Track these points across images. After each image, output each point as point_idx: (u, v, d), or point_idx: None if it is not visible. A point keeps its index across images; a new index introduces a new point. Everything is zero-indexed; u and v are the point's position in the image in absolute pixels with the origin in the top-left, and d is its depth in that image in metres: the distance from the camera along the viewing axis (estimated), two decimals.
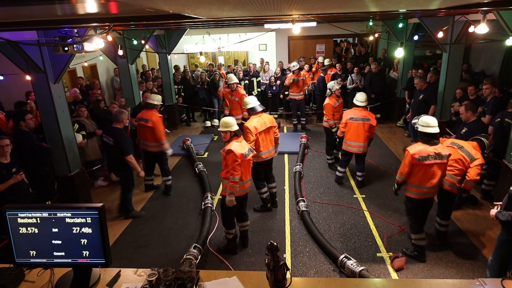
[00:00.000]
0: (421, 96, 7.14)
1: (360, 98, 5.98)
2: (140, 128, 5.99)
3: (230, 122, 4.31)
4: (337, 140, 6.41)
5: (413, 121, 5.09)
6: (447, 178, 4.25)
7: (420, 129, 4.08)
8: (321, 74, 9.93)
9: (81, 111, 6.41)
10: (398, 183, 4.38)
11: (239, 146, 4.25)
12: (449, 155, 4.11)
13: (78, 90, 8.16)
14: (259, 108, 5.30)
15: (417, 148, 4.04)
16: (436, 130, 4.00)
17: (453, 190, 4.31)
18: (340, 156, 6.64)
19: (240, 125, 6.24)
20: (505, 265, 3.42)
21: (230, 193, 4.21)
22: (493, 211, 3.41)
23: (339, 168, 6.45)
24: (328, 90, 6.83)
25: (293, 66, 9.14)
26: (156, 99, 5.97)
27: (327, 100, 6.78)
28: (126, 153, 5.11)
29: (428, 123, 4.02)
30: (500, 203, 3.44)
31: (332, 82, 6.90)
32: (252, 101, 5.31)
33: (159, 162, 6.18)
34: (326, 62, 10.39)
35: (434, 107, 7.06)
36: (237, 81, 7.54)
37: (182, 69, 11.15)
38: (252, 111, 5.26)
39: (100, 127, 6.58)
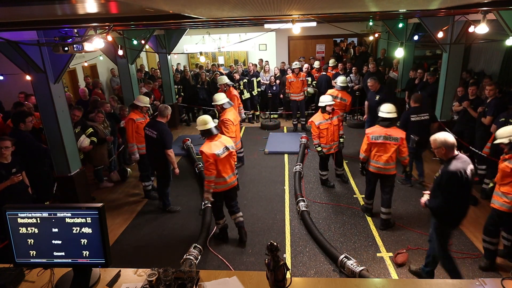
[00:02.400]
0: (377, 97, 7.30)
1: (321, 98, 6.04)
2: None
3: (201, 120, 4.47)
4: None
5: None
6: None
7: (380, 114, 4.96)
8: (323, 73, 9.92)
9: (99, 116, 6.41)
10: (361, 161, 5.12)
11: (212, 146, 4.36)
12: (402, 138, 4.80)
13: (87, 89, 8.22)
14: (229, 105, 5.96)
15: (372, 129, 4.95)
16: (392, 115, 4.88)
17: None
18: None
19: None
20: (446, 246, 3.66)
21: (205, 191, 4.48)
22: (423, 199, 3.62)
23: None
24: (340, 84, 7.31)
25: (295, 64, 9.22)
26: (142, 101, 5.92)
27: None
28: (167, 146, 5.18)
29: (388, 110, 4.90)
30: (428, 192, 3.62)
31: (343, 77, 7.76)
32: (223, 98, 5.95)
33: (139, 164, 6.04)
34: (331, 63, 10.39)
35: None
36: (227, 81, 7.59)
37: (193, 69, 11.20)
38: (223, 108, 5.83)
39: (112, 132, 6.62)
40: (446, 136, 3.35)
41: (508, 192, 3.76)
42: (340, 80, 7.59)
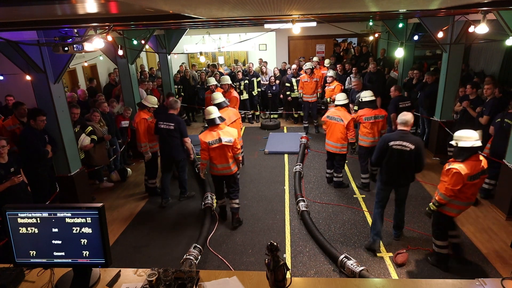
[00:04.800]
0: None
1: (339, 97, 6.11)
2: None
3: (207, 111, 4.99)
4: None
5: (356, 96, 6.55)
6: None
7: (365, 99, 5.92)
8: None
9: (95, 115, 6.43)
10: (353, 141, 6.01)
11: (207, 135, 4.90)
12: (385, 115, 5.95)
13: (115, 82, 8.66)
14: (225, 104, 6.11)
15: (363, 112, 5.93)
16: (374, 97, 5.94)
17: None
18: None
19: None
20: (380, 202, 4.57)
21: (200, 169, 5.24)
22: None
23: (327, 170, 6.50)
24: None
25: (306, 65, 9.22)
26: (150, 102, 6.00)
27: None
28: (185, 134, 5.67)
29: (370, 94, 5.94)
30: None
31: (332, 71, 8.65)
32: (219, 97, 6.11)
33: (147, 163, 6.14)
34: (326, 63, 10.35)
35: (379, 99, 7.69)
36: (230, 82, 7.58)
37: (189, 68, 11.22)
38: (219, 106, 5.86)
39: (109, 132, 6.65)
40: (402, 115, 4.38)
41: (440, 189, 3.83)
42: (332, 73, 8.69)
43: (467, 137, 3.65)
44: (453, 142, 3.77)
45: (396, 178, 4.39)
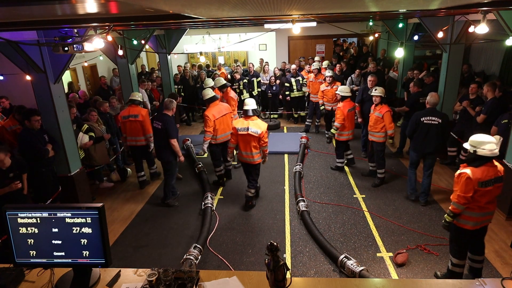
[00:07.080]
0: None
1: (344, 89, 6.65)
2: (128, 124, 6.20)
3: (245, 102, 5.41)
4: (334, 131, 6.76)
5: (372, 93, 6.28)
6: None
7: (374, 93, 6.10)
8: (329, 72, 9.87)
9: (92, 115, 6.47)
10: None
11: (238, 122, 5.41)
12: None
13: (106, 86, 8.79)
14: (216, 98, 6.20)
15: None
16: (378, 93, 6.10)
17: None
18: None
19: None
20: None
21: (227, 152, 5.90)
22: None
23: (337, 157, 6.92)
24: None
25: (313, 65, 9.30)
26: (139, 96, 6.32)
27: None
28: (171, 136, 5.49)
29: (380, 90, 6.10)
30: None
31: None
32: (210, 93, 6.22)
33: (146, 154, 6.47)
34: (324, 64, 10.24)
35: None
36: (224, 82, 7.58)
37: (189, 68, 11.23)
38: (210, 101, 6.12)
39: (108, 131, 6.66)
40: (430, 95, 5.28)
41: (452, 198, 3.54)
42: (331, 73, 8.54)
43: (486, 143, 3.31)
44: (468, 147, 3.44)
45: (425, 147, 5.28)
